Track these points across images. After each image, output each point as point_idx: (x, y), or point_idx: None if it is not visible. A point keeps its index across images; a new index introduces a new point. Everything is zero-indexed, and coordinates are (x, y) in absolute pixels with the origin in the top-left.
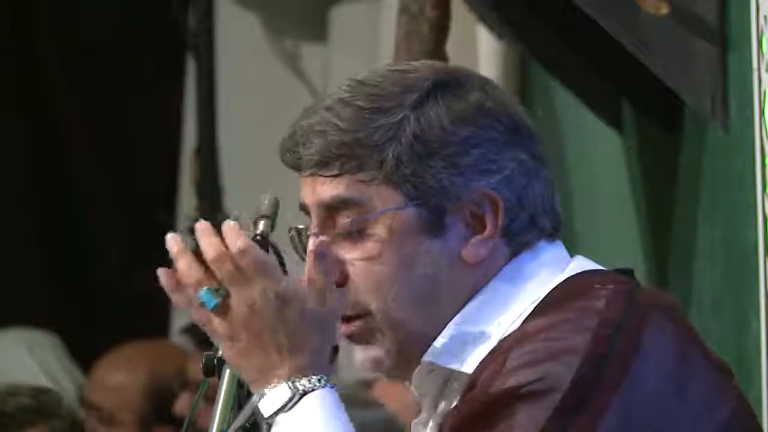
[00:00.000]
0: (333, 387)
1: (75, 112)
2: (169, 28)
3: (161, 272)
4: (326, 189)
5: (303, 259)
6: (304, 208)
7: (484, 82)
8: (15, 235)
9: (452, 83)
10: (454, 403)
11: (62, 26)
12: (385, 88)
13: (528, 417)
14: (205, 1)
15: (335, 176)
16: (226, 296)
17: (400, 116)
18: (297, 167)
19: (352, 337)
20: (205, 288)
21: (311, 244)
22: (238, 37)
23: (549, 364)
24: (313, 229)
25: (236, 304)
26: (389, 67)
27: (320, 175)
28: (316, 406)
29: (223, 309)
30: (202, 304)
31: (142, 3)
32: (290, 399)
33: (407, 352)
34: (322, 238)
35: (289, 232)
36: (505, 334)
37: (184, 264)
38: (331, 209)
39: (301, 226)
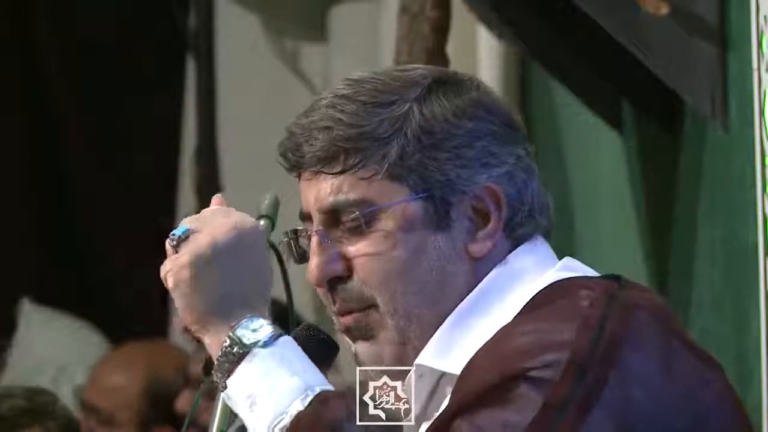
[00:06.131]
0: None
1: (75, 112)
2: (169, 28)
3: None
4: (329, 193)
5: (299, 262)
6: (305, 217)
7: (478, 83)
8: (15, 235)
9: (450, 81)
10: (444, 404)
11: (62, 26)
12: (387, 84)
13: (526, 401)
14: (205, 1)
15: (338, 173)
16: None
17: (405, 108)
18: (299, 167)
19: (349, 331)
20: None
21: (314, 242)
22: (238, 37)
23: (545, 353)
24: (316, 227)
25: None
26: (385, 68)
27: (323, 172)
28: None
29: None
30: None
31: (142, 3)
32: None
33: (412, 349)
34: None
35: (284, 236)
36: (494, 333)
37: None
38: (335, 211)
39: (297, 228)
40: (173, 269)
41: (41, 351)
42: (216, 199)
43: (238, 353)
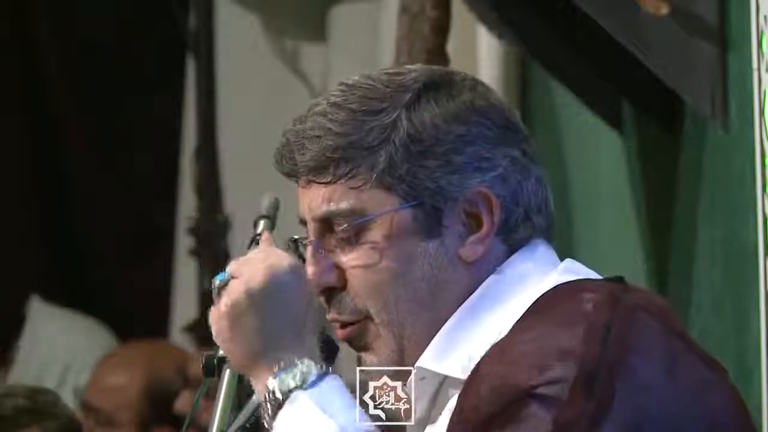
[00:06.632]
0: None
1: (75, 112)
2: (169, 28)
3: None
4: (320, 202)
5: None
6: (303, 222)
7: (474, 83)
8: (15, 235)
9: (443, 84)
10: (448, 408)
11: (62, 26)
12: (378, 90)
13: (536, 421)
14: (205, 1)
15: (328, 183)
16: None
17: (393, 116)
18: (294, 174)
19: (349, 342)
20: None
21: (309, 252)
22: (238, 37)
23: (551, 365)
24: (311, 237)
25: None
26: (380, 70)
27: (315, 181)
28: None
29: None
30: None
31: (142, 3)
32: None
33: (408, 356)
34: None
35: (287, 244)
36: (497, 339)
37: None
38: (327, 220)
39: (297, 237)
40: (213, 318)
41: (50, 349)
42: (264, 240)
43: (278, 399)
